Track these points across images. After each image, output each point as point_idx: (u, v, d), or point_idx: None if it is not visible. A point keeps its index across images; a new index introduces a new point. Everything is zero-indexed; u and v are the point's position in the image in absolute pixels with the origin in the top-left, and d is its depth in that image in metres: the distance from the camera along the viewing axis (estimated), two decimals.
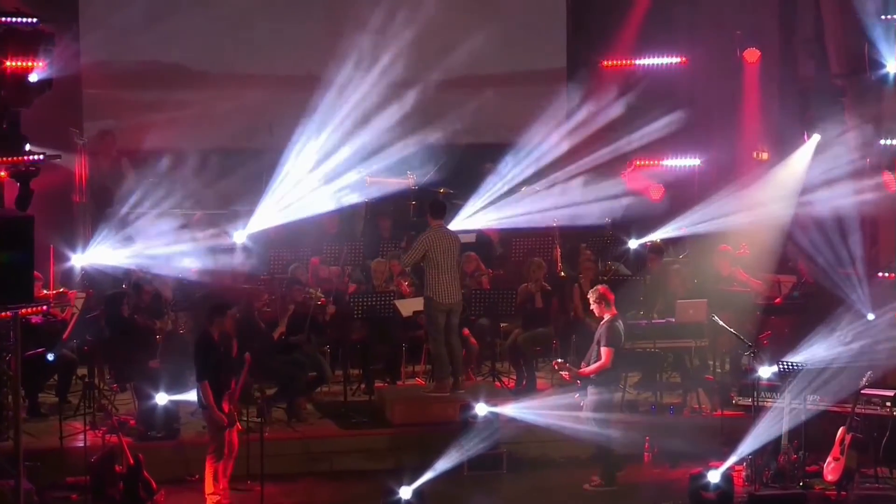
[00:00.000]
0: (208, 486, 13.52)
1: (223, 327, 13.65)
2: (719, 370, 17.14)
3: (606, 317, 14.37)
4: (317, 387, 16.28)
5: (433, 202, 16.63)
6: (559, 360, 14.80)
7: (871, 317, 16.03)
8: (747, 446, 14.16)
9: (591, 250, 18.41)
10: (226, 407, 13.39)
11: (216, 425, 13.45)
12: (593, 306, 14.54)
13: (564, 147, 19.99)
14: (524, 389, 16.79)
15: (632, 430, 15.11)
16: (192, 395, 13.97)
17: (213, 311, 13.73)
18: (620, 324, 14.41)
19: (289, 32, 20.30)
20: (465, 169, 20.20)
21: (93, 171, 18.69)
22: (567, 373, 14.61)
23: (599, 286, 14.73)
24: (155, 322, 16.17)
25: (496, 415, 15.12)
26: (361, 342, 16.86)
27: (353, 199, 19.29)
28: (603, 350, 14.16)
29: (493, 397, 15.59)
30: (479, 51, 20.02)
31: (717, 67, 20.39)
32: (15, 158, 13.41)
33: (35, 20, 13.69)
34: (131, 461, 13.34)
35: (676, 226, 18.55)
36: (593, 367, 14.22)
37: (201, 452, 14.06)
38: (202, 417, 13.91)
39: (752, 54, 20.17)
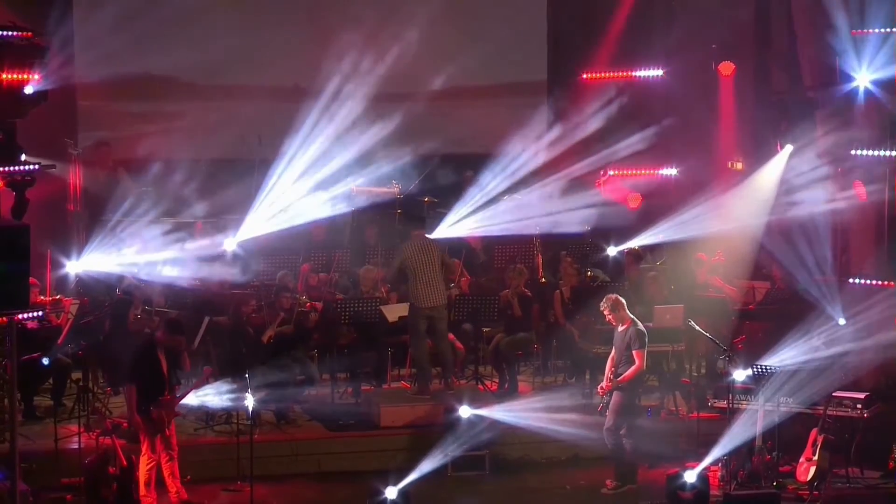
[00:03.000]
0: (141, 488, 13.44)
1: (170, 343, 13.65)
2: (695, 374, 17.18)
3: (626, 322, 14.36)
4: (305, 390, 16.29)
5: (409, 217, 16.90)
6: (603, 386, 14.60)
7: (842, 321, 16.09)
8: (723, 447, 14.19)
9: (572, 257, 18.45)
10: (154, 414, 13.34)
11: (152, 427, 13.41)
12: (609, 315, 14.49)
13: (544, 158, 20.03)
14: (506, 392, 16.82)
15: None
16: (186, 398, 14.01)
17: (171, 328, 13.76)
18: (642, 326, 14.47)
19: (275, 45, 20.32)
20: (448, 178, 20.27)
21: (89, 181, 18.68)
22: (608, 384, 14.46)
23: (610, 295, 14.67)
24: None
25: (480, 417, 15.16)
26: (349, 346, 16.88)
27: (340, 208, 19.31)
28: (636, 353, 14.18)
29: (477, 400, 15.63)
30: (463, 64, 20.08)
31: (693, 80, 20.44)
32: (10, 168, 13.37)
33: (30, 34, 13.67)
34: (124, 463, 13.32)
35: (654, 233, 18.60)
36: (630, 371, 14.22)
37: (193, 454, 14.10)
38: (142, 420, 13.63)
39: (727, 67, 20.22)
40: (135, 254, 17.16)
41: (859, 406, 14.59)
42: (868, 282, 16.76)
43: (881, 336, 15.43)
